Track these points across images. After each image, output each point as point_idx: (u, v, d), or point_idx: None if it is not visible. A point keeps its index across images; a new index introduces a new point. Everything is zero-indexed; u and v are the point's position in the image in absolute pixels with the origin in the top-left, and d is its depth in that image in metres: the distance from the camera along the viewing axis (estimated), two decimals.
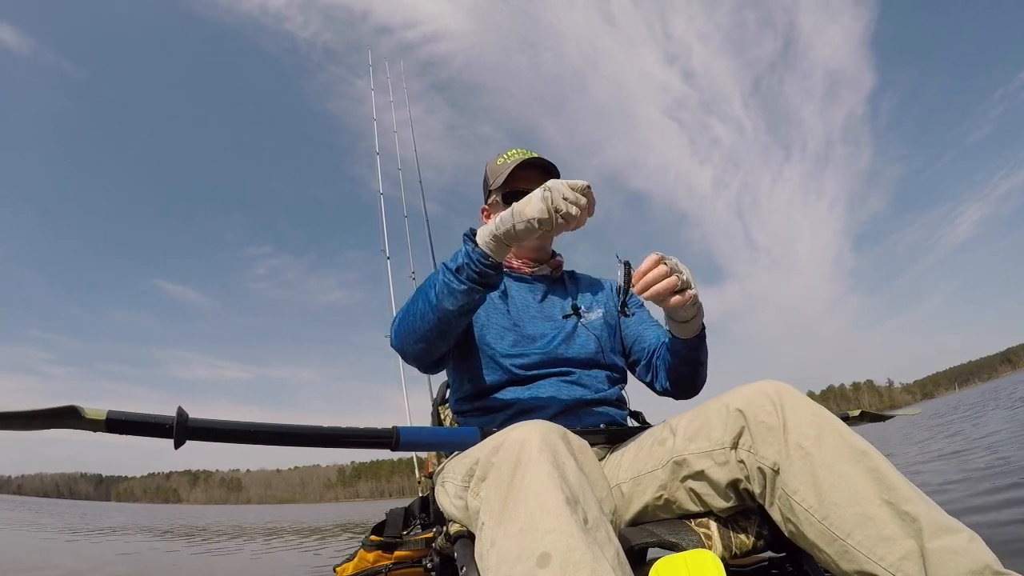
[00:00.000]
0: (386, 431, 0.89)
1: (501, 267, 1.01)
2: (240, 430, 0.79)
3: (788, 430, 0.79)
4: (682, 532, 0.84)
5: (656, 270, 0.98)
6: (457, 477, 0.89)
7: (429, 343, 1.08)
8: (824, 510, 0.73)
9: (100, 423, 0.70)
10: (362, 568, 1.39)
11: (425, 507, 1.43)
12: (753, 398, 0.84)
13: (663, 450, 0.92)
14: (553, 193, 0.92)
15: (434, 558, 1.23)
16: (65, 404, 0.68)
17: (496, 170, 1.34)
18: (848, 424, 0.84)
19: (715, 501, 0.86)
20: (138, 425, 0.74)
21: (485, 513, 0.69)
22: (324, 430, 0.85)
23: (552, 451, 0.68)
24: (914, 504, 0.68)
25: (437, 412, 1.58)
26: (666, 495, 0.90)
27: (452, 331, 1.07)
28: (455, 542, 0.94)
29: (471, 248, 0.99)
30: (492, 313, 1.28)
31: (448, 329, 1.06)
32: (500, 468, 0.70)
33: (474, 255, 0.98)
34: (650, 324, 1.39)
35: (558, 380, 1.20)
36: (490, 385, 1.20)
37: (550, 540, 0.58)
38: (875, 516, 0.69)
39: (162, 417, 0.75)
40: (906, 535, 0.67)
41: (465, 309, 1.03)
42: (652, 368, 1.31)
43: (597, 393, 1.21)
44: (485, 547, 0.65)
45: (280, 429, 0.82)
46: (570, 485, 0.65)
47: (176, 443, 0.75)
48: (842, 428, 0.78)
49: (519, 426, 0.74)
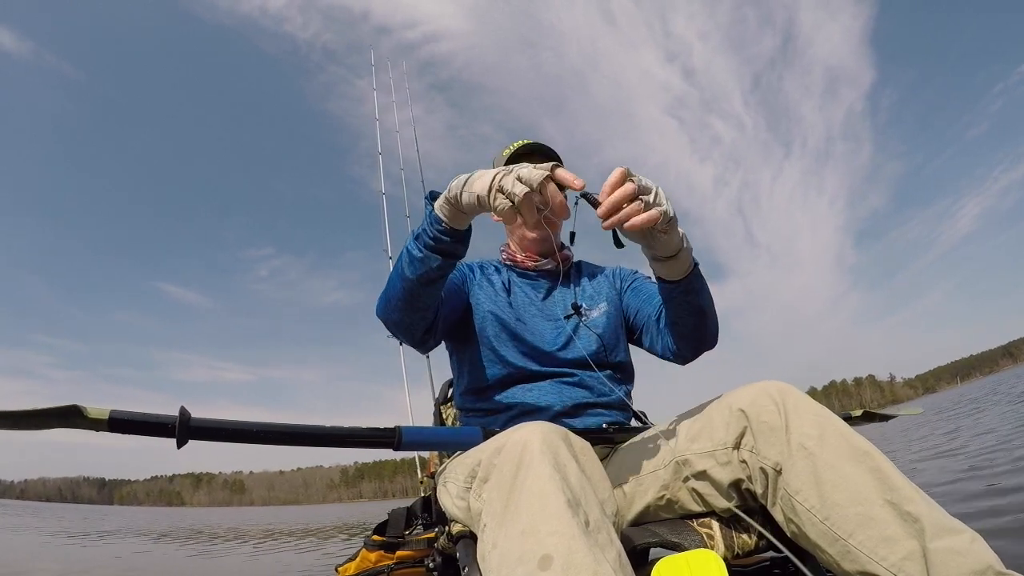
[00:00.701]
0: (388, 431, 0.89)
1: (460, 235, 0.95)
2: (242, 430, 0.79)
3: (791, 430, 0.79)
4: (684, 532, 0.84)
5: (621, 189, 0.80)
6: (459, 478, 0.89)
7: (403, 313, 1.05)
8: (826, 510, 0.72)
9: (103, 422, 0.70)
10: (364, 568, 1.39)
11: (427, 507, 1.43)
12: (755, 398, 0.84)
13: (665, 450, 0.92)
14: (511, 175, 0.81)
15: (436, 558, 1.23)
16: (68, 404, 0.68)
17: (500, 162, 1.32)
18: (850, 424, 0.83)
19: (717, 501, 0.86)
20: (141, 424, 0.73)
21: (487, 515, 0.69)
22: (326, 430, 0.85)
23: (554, 453, 0.68)
24: (916, 505, 0.68)
25: (439, 411, 1.58)
26: (668, 495, 0.90)
27: (421, 302, 1.03)
28: (457, 542, 0.94)
29: (428, 212, 0.95)
30: (493, 308, 1.25)
31: (416, 300, 1.02)
32: (502, 470, 0.70)
33: (431, 220, 0.94)
34: (653, 292, 1.29)
35: (559, 382, 1.19)
36: (492, 384, 1.20)
37: (552, 542, 0.58)
38: (877, 516, 0.69)
39: (165, 417, 0.75)
40: (908, 535, 0.67)
41: (426, 279, 0.98)
42: (660, 334, 1.22)
43: (599, 396, 1.19)
44: (487, 549, 0.65)
45: (282, 429, 0.82)
46: (572, 487, 0.65)
47: (179, 443, 0.75)
48: (844, 428, 0.78)
49: (521, 427, 0.74)
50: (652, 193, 0.84)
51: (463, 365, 1.27)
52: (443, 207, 0.91)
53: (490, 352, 1.22)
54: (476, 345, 1.24)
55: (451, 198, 0.89)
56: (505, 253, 1.42)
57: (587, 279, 1.40)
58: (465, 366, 1.26)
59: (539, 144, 1.31)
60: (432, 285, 1.01)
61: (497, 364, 1.21)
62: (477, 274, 1.35)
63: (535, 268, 1.35)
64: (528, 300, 1.30)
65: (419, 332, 1.11)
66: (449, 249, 0.95)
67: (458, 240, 0.95)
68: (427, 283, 0.99)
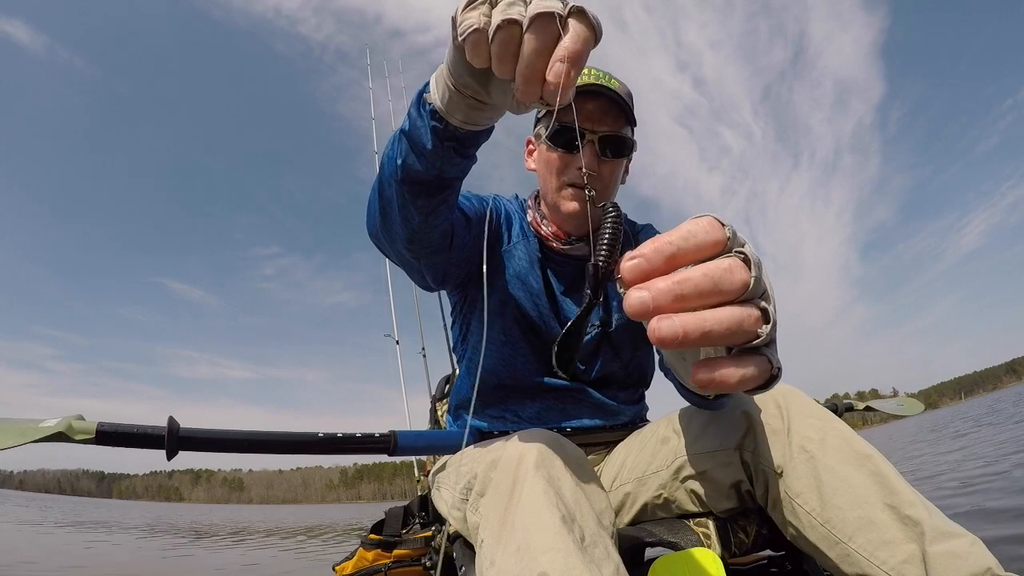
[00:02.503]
0: (383, 436, 0.87)
1: (451, 133, 0.64)
2: (234, 439, 0.78)
3: (792, 433, 0.79)
4: (681, 531, 0.84)
5: (710, 264, 0.36)
6: (455, 486, 0.86)
7: (380, 224, 0.81)
8: (826, 513, 0.72)
9: (90, 437, 0.70)
10: (361, 567, 1.39)
11: (424, 506, 1.43)
12: (758, 400, 0.84)
13: (666, 449, 0.91)
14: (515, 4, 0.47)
15: (433, 557, 1.23)
16: (54, 431, 0.69)
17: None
18: (851, 413, 0.83)
19: (715, 502, 0.85)
20: (129, 437, 0.73)
21: (484, 530, 0.68)
22: (320, 437, 0.83)
23: (548, 468, 0.67)
24: (916, 509, 0.68)
25: (435, 408, 1.58)
26: (666, 494, 0.89)
27: (392, 216, 0.78)
28: (454, 542, 0.94)
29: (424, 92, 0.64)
30: (520, 294, 1.03)
31: (388, 209, 0.77)
32: (498, 485, 0.69)
33: (419, 105, 0.65)
34: None
35: (566, 397, 1.07)
36: (492, 388, 1.07)
37: (547, 559, 0.57)
38: (877, 520, 0.69)
39: (153, 428, 0.74)
40: (908, 539, 0.67)
41: (399, 178, 0.72)
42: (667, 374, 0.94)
43: (608, 419, 1.09)
44: (485, 566, 0.64)
45: (275, 437, 0.80)
46: (566, 502, 0.64)
47: (168, 454, 0.74)
48: (846, 432, 0.78)
49: (516, 439, 0.73)
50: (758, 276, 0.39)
51: (463, 350, 1.13)
52: (439, 81, 0.60)
53: (500, 350, 1.04)
54: (480, 335, 0.97)
55: (449, 61, 0.56)
56: (532, 213, 1.09)
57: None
58: (463, 363, 1.14)
59: (608, 88, 0.93)
60: (409, 202, 0.74)
61: (504, 369, 1.05)
62: (505, 234, 1.07)
63: (563, 251, 1.06)
64: (546, 291, 1.06)
65: (397, 244, 0.82)
66: (426, 151, 0.66)
67: (443, 138, 0.64)
68: (408, 194, 0.73)
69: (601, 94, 0.94)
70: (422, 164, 0.69)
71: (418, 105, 0.65)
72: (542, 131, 1.01)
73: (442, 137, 0.64)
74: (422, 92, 0.64)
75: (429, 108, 0.62)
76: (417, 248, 0.83)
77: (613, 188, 1.02)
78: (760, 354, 0.36)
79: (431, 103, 0.62)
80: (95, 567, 5.06)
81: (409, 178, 0.71)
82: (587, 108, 0.95)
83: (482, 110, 0.60)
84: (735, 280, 0.34)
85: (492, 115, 0.61)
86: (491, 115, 0.61)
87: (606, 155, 0.97)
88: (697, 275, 0.33)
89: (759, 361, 0.35)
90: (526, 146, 1.11)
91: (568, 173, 0.99)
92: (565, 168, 0.99)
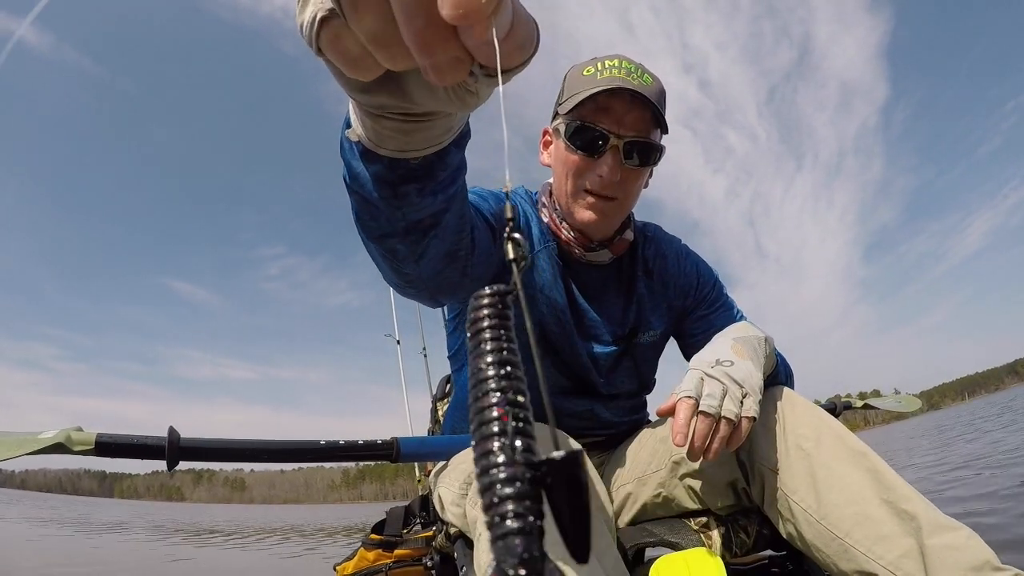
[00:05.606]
0: (385, 443, 0.86)
1: (401, 173, 0.48)
2: (234, 448, 0.77)
3: (787, 431, 0.79)
4: (682, 531, 0.84)
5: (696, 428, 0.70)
6: (454, 484, 0.86)
7: (395, 280, 0.66)
8: (823, 510, 0.73)
9: (89, 448, 0.71)
10: (362, 567, 1.39)
11: (425, 506, 1.44)
12: None
13: (664, 448, 0.92)
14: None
15: (434, 556, 1.24)
16: (52, 441, 0.70)
17: (576, 84, 0.86)
18: (849, 412, 0.83)
19: (713, 499, 0.86)
20: (130, 448, 0.73)
21: (483, 524, 0.68)
22: (321, 446, 0.82)
23: None
24: (912, 503, 0.68)
25: (435, 409, 1.58)
26: (665, 492, 0.90)
27: (392, 271, 0.63)
28: (455, 541, 0.95)
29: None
30: (534, 313, 0.93)
31: (381, 265, 0.63)
32: None
33: (349, 147, 0.49)
34: (722, 327, 0.93)
35: (579, 417, 1.02)
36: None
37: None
38: (874, 515, 0.69)
39: (154, 438, 0.74)
40: (905, 533, 0.67)
41: (365, 237, 0.58)
42: None
43: (612, 429, 1.07)
44: (482, 560, 0.65)
45: (276, 446, 0.79)
46: None
47: (169, 465, 0.74)
48: (840, 430, 0.79)
49: None
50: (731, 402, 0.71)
51: (458, 373, 1.07)
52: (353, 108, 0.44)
53: None
54: None
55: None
56: (548, 212, 0.97)
57: (645, 280, 1.01)
58: (459, 378, 1.08)
59: (635, 91, 0.81)
60: (366, 203, 0.54)
61: None
62: (526, 242, 0.95)
63: (584, 259, 0.96)
64: (564, 301, 0.95)
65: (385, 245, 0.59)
66: (355, 169, 0.50)
67: (356, 157, 0.49)
68: (365, 202, 0.54)
69: (627, 94, 0.82)
70: (381, 220, 0.54)
71: (350, 147, 0.48)
72: (561, 126, 0.87)
73: (390, 181, 0.49)
74: (344, 128, 0.48)
75: (359, 147, 0.47)
76: (436, 289, 0.68)
77: (634, 198, 0.92)
78: None
79: (357, 139, 0.46)
80: (95, 566, 5.07)
81: (375, 235, 0.57)
82: (615, 106, 0.83)
83: (419, 127, 0.42)
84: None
85: (437, 127, 0.43)
86: (436, 127, 0.43)
87: (631, 161, 0.86)
88: None
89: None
90: (542, 137, 0.98)
91: (587, 178, 0.87)
92: (584, 173, 0.87)
